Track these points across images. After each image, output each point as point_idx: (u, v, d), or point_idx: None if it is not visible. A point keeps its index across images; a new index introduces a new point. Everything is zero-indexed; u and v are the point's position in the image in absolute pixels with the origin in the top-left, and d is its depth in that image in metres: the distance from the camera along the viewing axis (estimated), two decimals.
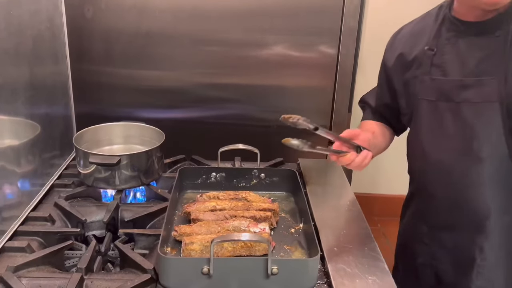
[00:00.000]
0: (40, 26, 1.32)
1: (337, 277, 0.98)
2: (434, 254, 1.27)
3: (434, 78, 1.17)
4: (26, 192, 1.23)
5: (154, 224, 1.21)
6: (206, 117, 1.65)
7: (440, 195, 1.21)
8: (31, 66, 1.25)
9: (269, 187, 1.33)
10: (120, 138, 1.49)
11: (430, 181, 1.23)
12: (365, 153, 1.16)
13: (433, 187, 1.22)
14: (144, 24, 1.55)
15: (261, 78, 1.62)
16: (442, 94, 1.16)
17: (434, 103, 1.17)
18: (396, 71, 1.28)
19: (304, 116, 1.11)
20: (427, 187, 1.24)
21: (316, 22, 1.56)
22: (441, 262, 1.25)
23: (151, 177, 1.36)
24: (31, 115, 1.27)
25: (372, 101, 1.42)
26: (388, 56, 1.32)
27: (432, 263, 1.27)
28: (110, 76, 1.60)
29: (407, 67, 1.24)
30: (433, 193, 1.23)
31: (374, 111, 1.41)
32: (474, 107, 1.11)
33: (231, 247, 1.01)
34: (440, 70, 1.16)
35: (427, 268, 1.29)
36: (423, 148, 1.22)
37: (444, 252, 1.25)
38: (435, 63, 1.17)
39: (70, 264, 1.10)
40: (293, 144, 1.10)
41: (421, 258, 1.30)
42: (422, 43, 1.20)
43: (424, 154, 1.22)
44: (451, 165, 1.17)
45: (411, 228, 1.35)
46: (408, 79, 1.24)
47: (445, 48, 1.16)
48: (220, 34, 1.56)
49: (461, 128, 1.13)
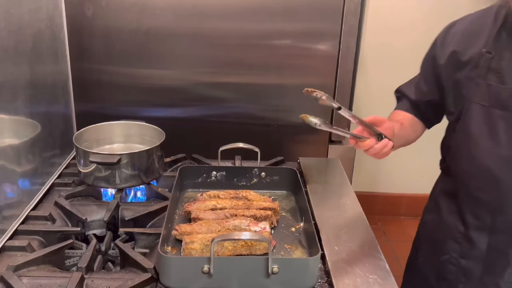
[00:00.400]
0: (40, 25, 1.31)
1: (337, 276, 0.98)
2: (465, 253, 1.25)
3: (490, 83, 1.13)
4: (26, 191, 1.23)
5: (155, 223, 1.20)
6: (206, 115, 1.65)
7: (483, 199, 1.19)
8: (31, 65, 1.25)
9: (269, 186, 1.33)
10: (120, 137, 1.49)
11: (474, 184, 1.21)
12: (385, 141, 1.14)
13: (476, 190, 1.20)
14: (145, 23, 1.54)
15: (262, 77, 1.62)
16: (497, 101, 1.12)
17: (487, 108, 1.14)
18: (447, 69, 1.23)
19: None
20: (470, 190, 1.22)
21: (317, 21, 1.55)
22: (471, 260, 1.24)
23: (152, 176, 1.36)
24: (31, 114, 1.27)
25: (412, 93, 1.37)
26: (439, 53, 1.26)
27: (460, 261, 1.26)
28: (111, 75, 1.60)
29: (460, 67, 1.19)
30: (476, 196, 1.20)
31: (412, 104, 1.38)
32: None
33: (232, 246, 1.01)
34: (497, 77, 1.12)
35: (452, 265, 1.28)
36: (470, 151, 1.19)
37: (476, 252, 1.23)
38: (492, 67, 1.12)
39: (71, 263, 1.10)
40: (311, 121, 1.09)
41: (448, 255, 1.28)
42: (479, 44, 1.16)
43: (471, 157, 1.19)
44: (500, 173, 1.15)
45: (442, 224, 1.32)
46: (460, 79, 1.19)
47: (504, 53, 1.11)
48: (220, 32, 1.56)
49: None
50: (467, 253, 1.24)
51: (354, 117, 1.13)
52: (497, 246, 1.20)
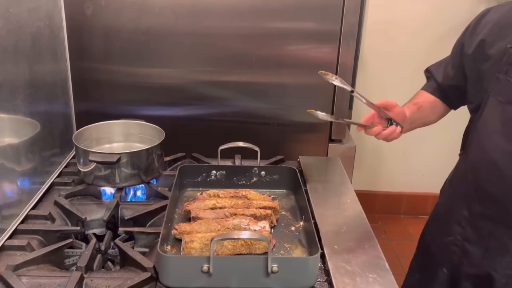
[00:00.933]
0: (39, 24, 1.31)
1: (337, 275, 0.98)
2: (468, 237, 1.29)
3: (509, 79, 1.13)
4: (26, 190, 1.23)
5: (154, 222, 1.20)
6: (206, 114, 1.65)
7: (489, 190, 1.22)
8: (30, 64, 1.25)
9: (269, 185, 1.33)
10: (120, 136, 1.49)
11: (482, 174, 1.23)
12: (392, 128, 1.18)
13: (484, 181, 1.23)
14: (144, 21, 1.54)
15: (262, 75, 1.61)
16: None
17: (503, 105, 1.15)
18: (473, 60, 1.24)
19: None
20: (477, 179, 1.25)
21: (317, 20, 1.55)
22: (473, 245, 1.28)
23: (151, 175, 1.36)
24: (31, 113, 1.27)
25: (439, 76, 1.39)
26: (468, 41, 1.26)
27: (463, 243, 1.30)
28: (110, 74, 1.60)
29: (485, 59, 1.20)
30: (483, 186, 1.23)
31: (438, 86, 1.39)
32: None
33: (231, 245, 1.01)
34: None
35: (455, 247, 1.32)
36: (481, 143, 1.22)
37: (478, 237, 1.27)
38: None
39: (70, 263, 1.11)
40: (318, 114, 1.14)
41: (452, 237, 1.32)
42: (507, 39, 1.15)
43: (482, 149, 1.22)
44: (508, 168, 1.17)
45: (450, 207, 1.36)
46: (483, 71, 1.21)
47: None
48: (220, 31, 1.56)
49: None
50: (470, 237, 1.28)
51: (365, 100, 1.16)
52: (498, 235, 1.23)
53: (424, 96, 1.39)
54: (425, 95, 1.40)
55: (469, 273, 1.30)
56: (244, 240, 1.00)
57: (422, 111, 1.32)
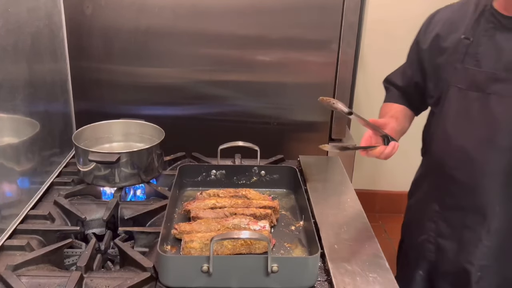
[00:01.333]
0: (39, 24, 1.31)
1: (337, 275, 0.98)
2: (441, 232, 1.33)
3: (467, 67, 1.20)
4: (25, 190, 1.23)
5: (154, 222, 1.20)
6: (206, 114, 1.65)
7: (458, 178, 1.26)
8: (30, 64, 1.25)
9: (269, 185, 1.33)
10: (119, 136, 1.48)
11: (450, 163, 1.28)
12: (393, 144, 1.21)
13: (452, 169, 1.27)
14: (144, 21, 1.54)
15: (261, 74, 1.61)
16: (473, 83, 1.19)
17: (464, 91, 1.21)
18: (429, 54, 1.31)
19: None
20: (446, 169, 1.29)
21: (317, 18, 1.54)
22: (447, 239, 1.32)
23: (151, 174, 1.36)
24: (31, 113, 1.27)
25: (399, 80, 1.45)
26: (422, 38, 1.34)
27: (437, 240, 1.34)
28: (110, 73, 1.60)
29: (441, 52, 1.27)
30: (452, 174, 1.27)
31: (401, 91, 1.45)
32: (503, 100, 1.16)
33: (231, 245, 1.00)
34: (474, 60, 1.19)
35: (430, 244, 1.36)
36: (447, 132, 1.27)
37: (451, 231, 1.31)
38: (469, 52, 1.20)
39: (70, 263, 1.10)
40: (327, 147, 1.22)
41: (426, 235, 1.36)
42: (459, 31, 1.23)
43: (448, 138, 1.27)
44: (474, 152, 1.22)
45: (422, 206, 1.39)
46: (440, 63, 1.27)
47: (481, 39, 1.19)
48: (220, 30, 1.55)
49: (487, 118, 1.19)
50: (443, 232, 1.32)
51: (363, 120, 1.19)
52: (469, 225, 1.27)
53: (393, 108, 1.44)
54: (393, 106, 1.44)
55: (445, 271, 1.33)
56: (244, 239, 0.99)
57: (400, 123, 1.36)
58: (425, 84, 1.35)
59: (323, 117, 1.65)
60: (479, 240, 1.26)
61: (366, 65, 2.58)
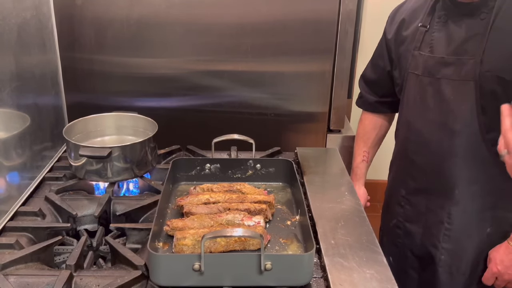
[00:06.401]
0: (25, 14, 1.27)
1: (333, 271, 0.95)
2: (408, 216, 1.39)
3: (422, 53, 1.26)
4: (15, 186, 1.20)
5: (147, 218, 1.17)
6: (201, 105, 1.61)
7: (418, 162, 1.32)
8: (16, 56, 1.21)
9: (265, 178, 1.30)
10: (112, 129, 1.45)
11: (411, 148, 1.34)
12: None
13: (413, 154, 1.33)
14: (136, 10, 1.49)
15: (258, 64, 1.57)
16: (426, 69, 1.25)
17: (420, 77, 1.27)
18: (394, 43, 1.37)
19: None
20: (408, 153, 1.35)
21: (314, 5, 1.50)
22: (413, 224, 1.37)
23: (145, 168, 1.33)
24: (19, 106, 1.23)
25: (372, 74, 1.50)
26: (389, 28, 1.41)
27: (405, 224, 1.40)
28: (102, 64, 1.56)
29: (402, 41, 1.33)
30: (413, 159, 1.33)
31: (375, 98, 1.51)
32: (452, 84, 1.20)
33: (225, 242, 0.98)
34: (429, 47, 1.25)
35: (400, 229, 1.42)
36: (407, 118, 1.34)
37: (416, 215, 1.36)
38: (425, 39, 1.26)
39: (61, 260, 1.08)
40: None
41: (396, 219, 1.43)
42: (418, 20, 1.29)
43: (408, 123, 1.33)
44: (429, 135, 1.27)
45: (391, 191, 1.46)
46: (402, 52, 1.33)
47: (435, 26, 1.25)
48: (214, 19, 1.51)
49: (439, 102, 1.23)
50: (410, 216, 1.38)
51: None
52: (433, 208, 1.31)
53: (370, 121, 1.54)
54: (371, 120, 1.54)
55: (413, 258, 1.38)
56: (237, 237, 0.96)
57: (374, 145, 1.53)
58: (393, 73, 1.40)
59: (322, 108, 1.61)
60: (441, 223, 1.29)
61: (367, 53, 2.53)
